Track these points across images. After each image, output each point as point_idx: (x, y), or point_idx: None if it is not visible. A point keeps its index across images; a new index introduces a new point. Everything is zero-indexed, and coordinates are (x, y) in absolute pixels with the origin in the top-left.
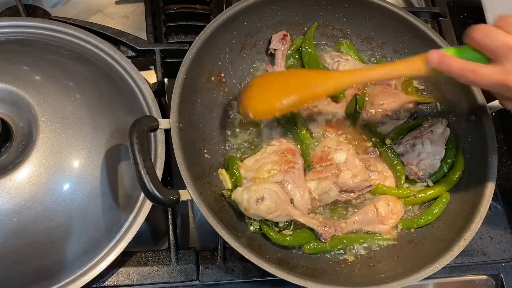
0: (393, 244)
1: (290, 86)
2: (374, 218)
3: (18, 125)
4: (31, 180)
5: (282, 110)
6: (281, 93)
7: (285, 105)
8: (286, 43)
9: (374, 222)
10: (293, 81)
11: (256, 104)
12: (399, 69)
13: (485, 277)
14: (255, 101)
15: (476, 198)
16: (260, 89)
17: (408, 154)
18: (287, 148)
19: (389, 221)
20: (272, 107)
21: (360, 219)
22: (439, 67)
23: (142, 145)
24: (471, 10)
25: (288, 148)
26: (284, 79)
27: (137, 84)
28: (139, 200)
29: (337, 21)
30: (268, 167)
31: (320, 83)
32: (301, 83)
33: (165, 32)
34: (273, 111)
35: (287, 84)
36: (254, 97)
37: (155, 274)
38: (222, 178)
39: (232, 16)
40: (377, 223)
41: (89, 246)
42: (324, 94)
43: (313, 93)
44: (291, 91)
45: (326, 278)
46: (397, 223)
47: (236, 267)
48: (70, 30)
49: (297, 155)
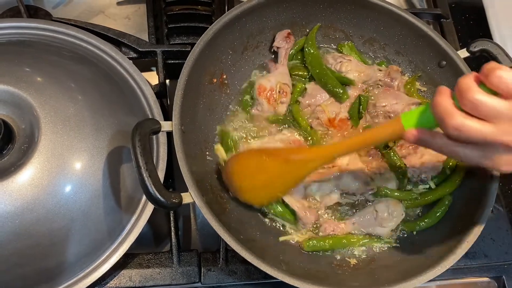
0: (395, 247)
1: (275, 181)
2: (373, 221)
3: (20, 126)
4: (33, 182)
5: (269, 202)
6: (268, 191)
7: (271, 200)
8: (290, 41)
9: (373, 224)
10: (278, 169)
11: (244, 195)
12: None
13: (487, 279)
14: (242, 193)
15: (479, 200)
16: (247, 176)
17: (410, 156)
18: (295, 140)
19: (389, 224)
20: (259, 202)
21: (359, 221)
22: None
23: (144, 148)
24: (473, 11)
25: (296, 140)
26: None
27: (138, 85)
28: (141, 202)
29: (339, 22)
30: None
31: (305, 166)
32: (286, 175)
33: (166, 34)
34: (260, 204)
35: (272, 180)
36: (241, 187)
37: (157, 276)
38: (218, 154)
39: (234, 18)
40: (376, 225)
41: (91, 248)
42: (306, 175)
43: (297, 177)
44: (277, 186)
45: (328, 281)
46: (396, 226)
47: (238, 269)
48: (71, 31)
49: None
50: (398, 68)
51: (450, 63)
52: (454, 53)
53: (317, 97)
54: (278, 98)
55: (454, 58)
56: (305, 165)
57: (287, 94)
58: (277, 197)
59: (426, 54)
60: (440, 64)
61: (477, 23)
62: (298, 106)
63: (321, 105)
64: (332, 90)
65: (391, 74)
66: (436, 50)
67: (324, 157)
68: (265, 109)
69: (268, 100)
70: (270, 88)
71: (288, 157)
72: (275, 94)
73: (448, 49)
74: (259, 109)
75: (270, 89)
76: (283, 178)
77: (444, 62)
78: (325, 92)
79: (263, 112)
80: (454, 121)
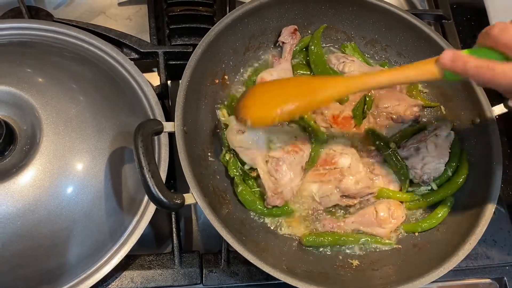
0: (397, 248)
1: (291, 93)
2: (373, 220)
3: (22, 128)
4: (34, 184)
5: (283, 116)
6: (282, 99)
7: (285, 111)
8: (295, 37)
9: (372, 224)
10: (294, 87)
11: (255, 111)
12: (409, 73)
13: (489, 281)
14: (253, 109)
15: (481, 201)
16: (258, 97)
17: (412, 158)
18: (301, 135)
19: (388, 225)
20: (271, 114)
21: (359, 220)
22: (453, 67)
23: (146, 149)
24: (474, 12)
25: (302, 135)
26: (284, 86)
27: (140, 86)
28: (142, 203)
29: (341, 23)
30: (273, 138)
31: (324, 88)
32: (304, 89)
33: (168, 34)
34: (272, 118)
35: (288, 91)
36: (252, 105)
37: (159, 277)
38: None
39: (236, 19)
40: (375, 226)
41: (92, 249)
42: (328, 99)
43: (316, 99)
44: (292, 97)
45: (330, 282)
46: (396, 228)
47: (240, 271)
48: (73, 32)
49: (306, 146)
50: None
51: None
52: None
53: None
54: None
55: None
56: (329, 87)
57: None
58: (290, 114)
59: (428, 55)
60: None
61: (478, 24)
62: None
63: None
64: None
65: None
66: (437, 51)
67: (349, 83)
68: None
69: None
70: None
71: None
72: None
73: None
74: None
75: None
76: (299, 89)
77: None
78: None
79: None
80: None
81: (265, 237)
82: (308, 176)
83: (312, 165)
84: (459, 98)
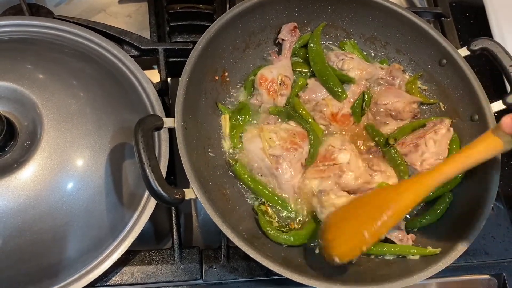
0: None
1: (369, 214)
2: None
3: (23, 123)
4: (35, 179)
5: (369, 242)
6: (362, 224)
7: (371, 235)
8: (295, 35)
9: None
10: (369, 207)
11: (339, 245)
12: (475, 155)
13: (488, 277)
14: (337, 243)
15: (479, 198)
16: (339, 227)
17: (411, 154)
18: (300, 132)
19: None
20: (356, 243)
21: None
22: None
23: (147, 144)
24: (473, 10)
25: (301, 131)
26: (360, 208)
27: (140, 83)
28: (143, 199)
29: (340, 21)
30: (272, 136)
31: (398, 199)
32: (378, 205)
33: (168, 32)
34: (359, 247)
35: (365, 212)
36: (336, 238)
37: (159, 273)
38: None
39: (236, 15)
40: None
41: (93, 244)
42: (406, 208)
43: (395, 213)
44: (371, 219)
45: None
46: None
47: (240, 266)
48: (74, 29)
49: (305, 142)
50: (400, 66)
51: (450, 61)
52: (454, 52)
53: (317, 93)
54: (279, 90)
55: (455, 57)
56: (402, 196)
57: (287, 87)
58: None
59: (427, 53)
60: (440, 62)
61: (477, 22)
62: (298, 99)
63: (325, 99)
64: (331, 88)
65: (393, 72)
66: (436, 49)
67: (417, 193)
68: (265, 99)
69: (268, 91)
70: (271, 79)
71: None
72: (275, 86)
73: (449, 47)
74: (258, 99)
75: (272, 80)
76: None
77: (445, 61)
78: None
79: (262, 102)
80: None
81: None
82: (308, 172)
83: (311, 162)
84: (458, 95)
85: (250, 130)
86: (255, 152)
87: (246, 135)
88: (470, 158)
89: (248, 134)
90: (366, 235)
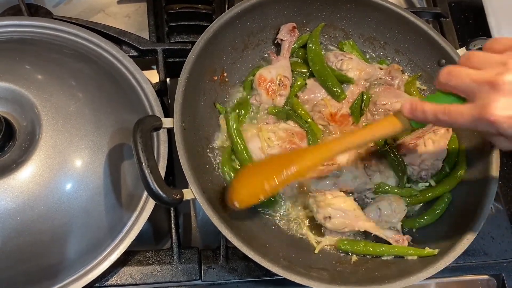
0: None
1: (273, 169)
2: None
3: (21, 124)
4: (34, 179)
5: (267, 192)
6: (265, 177)
7: (269, 186)
8: (294, 35)
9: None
10: (275, 164)
11: (240, 192)
12: (379, 131)
13: (487, 277)
14: (239, 191)
15: (479, 198)
16: (244, 179)
17: (410, 154)
18: (298, 132)
19: (393, 220)
20: (255, 191)
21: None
22: (413, 115)
23: (145, 144)
24: (472, 10)
25: (299, 131)
26: (267, 164)
27: (139, 83)
28: (141, 199)
29: (339, 21)
30: (271, 135)
31: (302, 159)
32: (284, 163)
33: (167, 32)
34: (257, 195)
35: (270, 168)
36: (241, 186)
37: (158, 273)
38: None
39: (235, 16)
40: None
41: (91, 245)
42: (308, 168)
43: (296, 170)
44: (274, 173)
45: (329, 277)
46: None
47: (239, 267)
48: (72, 30)
49: (303, 142)
50: (399, 66)
51: (449, 61)
52: (453, 52)
53: (316, 93)
54: (277, 90)
55: (454, 57)
56: (307, 157)
57: (286, 87)
58: (274, 189)
59: (426, 53)
60: (439, 62)
61: (476, 22)
62: (297, 99)
63: (324, 99)
64: (330, 88)
65: (392, 72)
66: (435, 49)
67: (321, 155)
68: (264, 100)
69: (267, 91)
70: (270, 80)
71: (285, 156)
72: (274, 86)
73: (448, 47)
74: (257, 99)
75: (270, 80)
76: (279, 170)
77: (444, 61)
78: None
79: (261, 102)
80: (446, 69)
81: (263, 233)
82: None
83: None
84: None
85: (249, 130)
86: (254, 151)
87: (245, 135)
88: (374, 133)
89: (247, 134)
90: (266, 186)
